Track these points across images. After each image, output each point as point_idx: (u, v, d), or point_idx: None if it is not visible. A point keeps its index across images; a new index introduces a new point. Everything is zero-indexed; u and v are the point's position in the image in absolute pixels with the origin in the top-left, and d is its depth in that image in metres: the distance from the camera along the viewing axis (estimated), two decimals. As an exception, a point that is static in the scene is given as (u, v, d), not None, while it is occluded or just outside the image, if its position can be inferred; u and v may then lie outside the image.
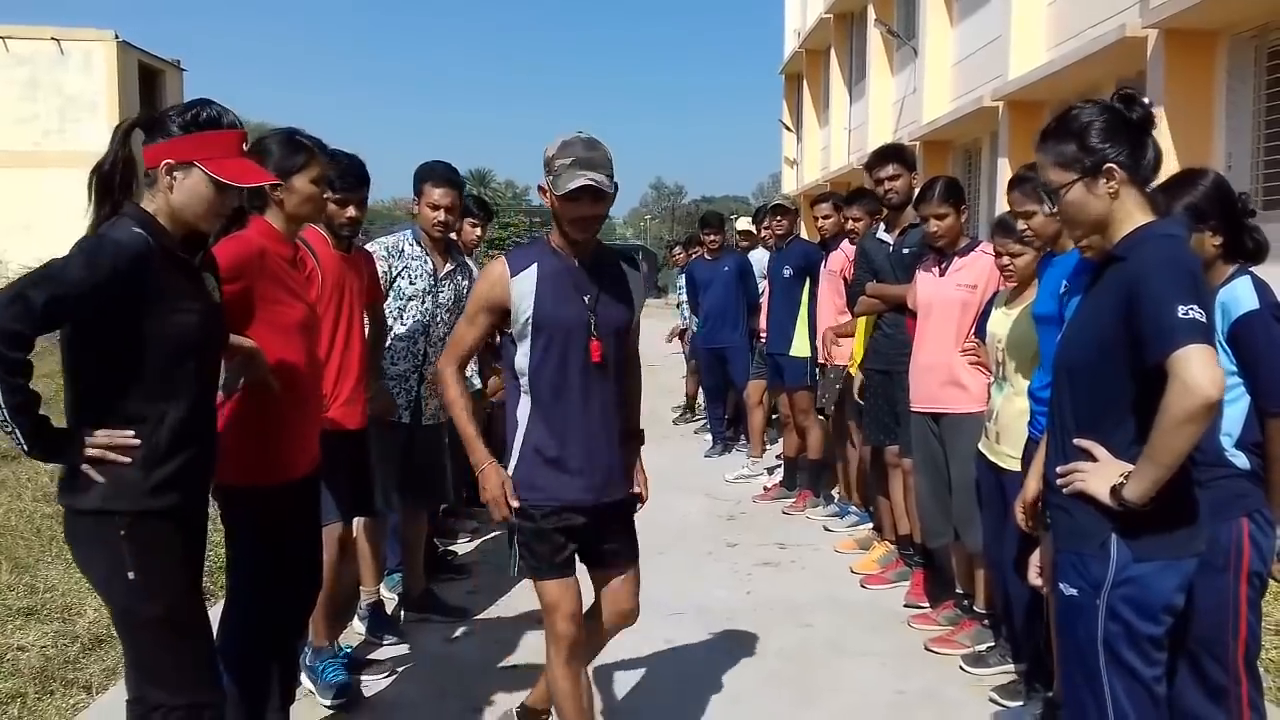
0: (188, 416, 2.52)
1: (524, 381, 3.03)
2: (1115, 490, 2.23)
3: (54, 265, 2.37)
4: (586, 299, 2.99)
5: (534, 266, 2.98)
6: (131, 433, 2.44)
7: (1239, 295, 2.58)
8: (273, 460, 3.04)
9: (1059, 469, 2.38)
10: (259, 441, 3.01)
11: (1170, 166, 9.07)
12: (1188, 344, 2.09)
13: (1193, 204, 2.67)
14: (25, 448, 2.36)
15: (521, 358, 3.02)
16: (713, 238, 8.92)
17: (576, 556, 3.09)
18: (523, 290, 2.96)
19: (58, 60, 26.14)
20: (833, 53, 24.10)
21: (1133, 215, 2.34)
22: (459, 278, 4.77)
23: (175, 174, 2.50)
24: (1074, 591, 2.35)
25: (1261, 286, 2.64)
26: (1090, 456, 2.32)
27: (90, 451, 2.41)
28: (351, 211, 3.92)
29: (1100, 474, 2.28)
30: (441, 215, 4.53)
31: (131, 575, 2.44)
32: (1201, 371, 2.07)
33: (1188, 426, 2.10)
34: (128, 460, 2.43)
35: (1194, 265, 2.28)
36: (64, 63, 26.15)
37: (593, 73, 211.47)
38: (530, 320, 2.97)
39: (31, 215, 24.60)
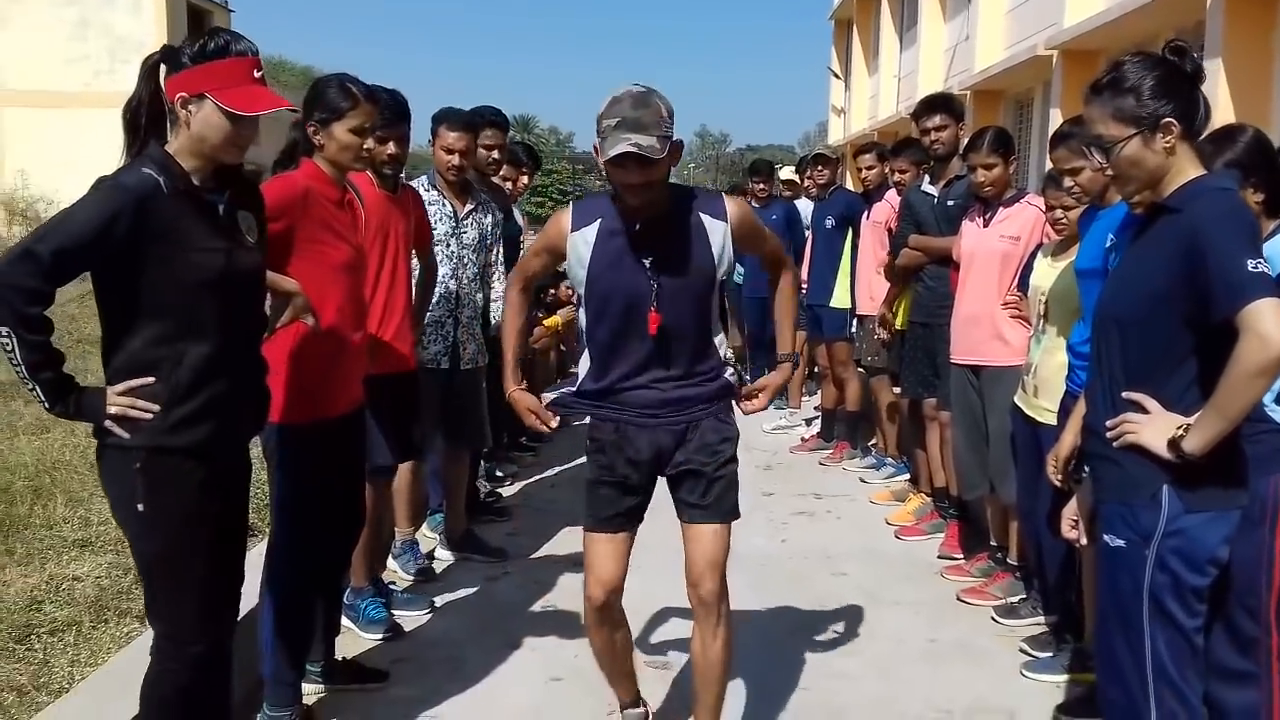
0: (212, 355, 2.50)
1: (584, 340, 2.97)
2: (1174, 442, 2.23)
3: (59, 216, 2.38)
4: (648, 263, 2.78)
5: (597, 224, 2.82)
6: (152, 379, 2.43)
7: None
8: (312, 398, 3.10)
9: (1109, 422, 2.38)
10: (298, 380, 3.07)
11: (1227, 118, 8.89)
12: (1261, 297, 2.10)
13: (1234, 160, 2.63)
14: (47, 406, 2.38)
15: (581, 316, 2.96)
16: (761, 186, 8.75)
17: (641, 512, 2.99)
18: (580, 249, 2.83)
19: (106, 1, 26.28)
20: (884, -2, 23.69)
21: (1185, 169, 2.32)
22: (481, 215, 4.77)
23: (189, 106, 2.46)
24: (1121, 543, 2.36)
25: (1306, 242, 2.60)
26: (1141, 409, 2.32)
27: (112, 410, 2.41)
28: (391, 149, 3.87)
29: (1155, 426, 2.28)
30: (455, 159, 4.51)
31: (140, 507, 2.45)
32: (1276, 323, 2.08)
33: (1260, 380, 2.12)
34: (149, 416, 2.42)
35: (1252, 218, 2.29)
36: (113, 3, 26.26)
37: (636, 17, 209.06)
38: (585, 284, 2.86)
39: (83, 155, 24.83)
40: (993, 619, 4.25)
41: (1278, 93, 9.46)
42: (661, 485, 2.99)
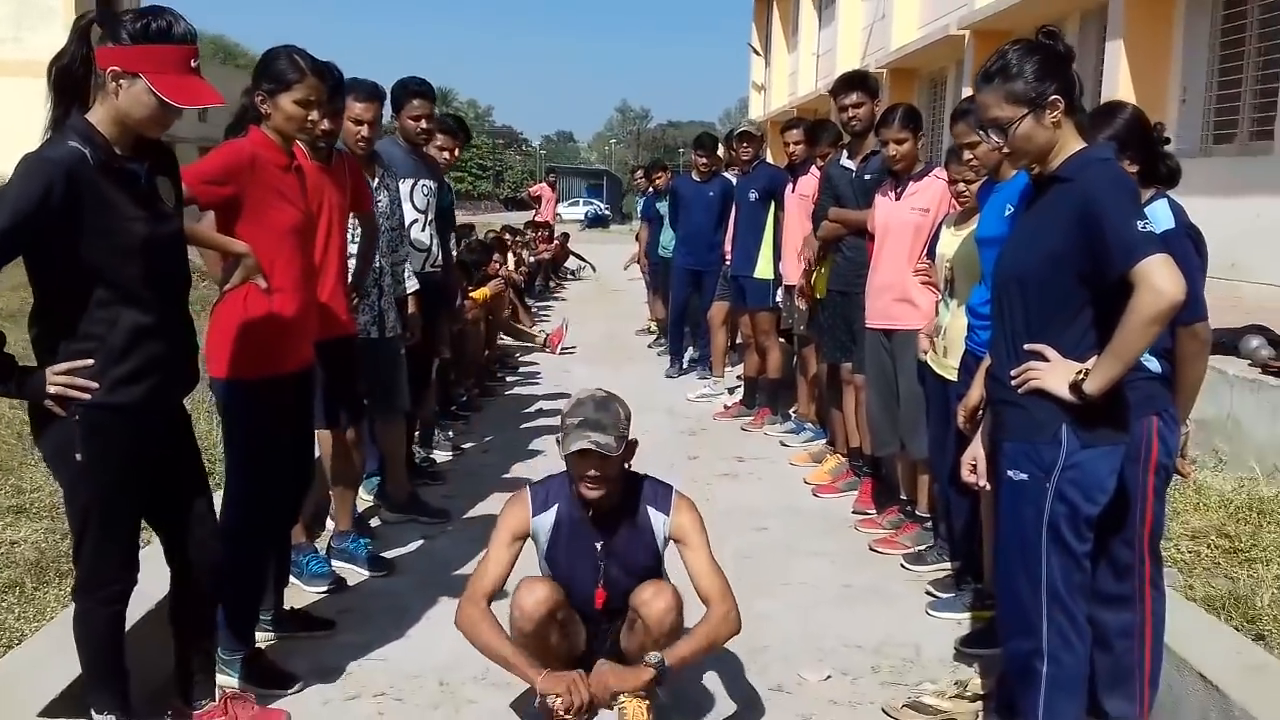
0: (142, 318, 2.59)
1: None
2: (1075, 385, 2.50)
3: None
4: (599, 546, 3.12)
5: (554, 510, 3.13)
6: (90, 362, 2.53)
7: (1158, 216, 2.83)
8: (262, 355, 3.22)
9: (1014, 370, 2.64)
10: (249, 337, 3.20)
11: (1127, 97, 9.27)
12: (1151, 253, 2.37)
13: (1113, 135, 2.91)
14: None
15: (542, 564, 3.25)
16: (704, 160, 8.83)
17: None
18: (540, 529, 3.14)
19: (10, -37, 25.35)
20: (803, -24, 24.00)
21: (1069, 143, 2.60)
22: (389, 182, 4.82)
23: (121, 81, 2.50)
24: (1024, 476, 2.63)
25: (1177, 208, 2.91)
26: (1042, 358, 2.59)
27: (52, 390, 2.51)
28: (325, 125, 3.89)
29: (1056, 372, 2.55)
30: (365, 130, 4.49)
31: (79, 457, 2.58)
32: (1167, 277, 2.36)
33: (1154, 326, 2.40)
34: (87, 397, 2.53)
35: (1134, 185, 2.59)
36: (17, -34, 25.36)
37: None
38: (541, 560, 3.19)
39: (-14, 124, 24.13)
40: (902, 565, 4.56)
41: (1175, 73, 9.93)
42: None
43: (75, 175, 2.44)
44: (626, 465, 3.09)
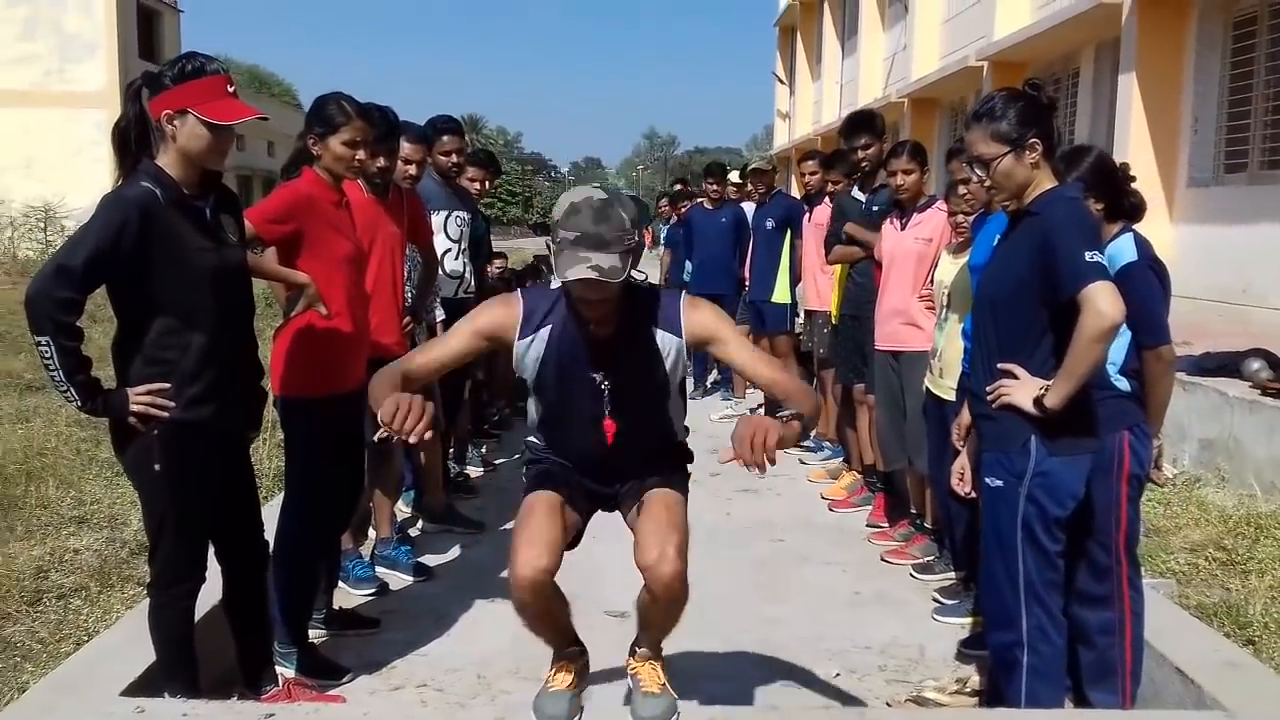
0: (211, 342, 2.88)
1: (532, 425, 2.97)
2: (1038, 400, 2.80)
3: (81, 231, 2.74)
4: (599, 377, 2.73)
5: (546, 330, 2.71)
6: (168, 386, 2.84)
7: (1123, 249, 3.15)
8: (324, 375, 3.57)
9: (988, 387, 2.94)
10: (311, 359, 3.55)
11: (1140, 128, 9.46)
12: (1096, 280, 2.68)
13: (1079, 176, 3.20)
14: (79, 405, 2.76)
15: (530, 406, 2.96)
16: (715, 188, 9.09)
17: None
18: (527, 353, 2.73)
19: (57, 0, 26.15)
20: (826, 6, 24.35)
21: (1043, 182, 2.90)
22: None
23: (174, 122, 2.81)
24: (999, 483, 2.94)
25: (1142, 242, 3.19)
26: (1012, 375, 2.89)
27: (135, 407, 2.83)
28: (381, 161, 4.27)
29: (1023, 388, 2.85)
30: (412, 169, 4.79)
31: (157, 467, 2.89)
32: (1108, 301, 2.66)
33: (1098, 345, 2.70)
34: (166, 415, 2.83)
35: (1093, 220, 2.91)
36: (63, 3, 26.11)
37: (584, 20, 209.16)
38: (532, 385, 2.82)
39: (31, 154, 24.78)
40: (911, 575, 4.83)
41: (1186, 104, 10.14)
42: None
43: (148, 211, 2.76)
44: (633, 268, 2.61)
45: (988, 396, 2.94)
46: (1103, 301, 2.66)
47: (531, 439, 3.04)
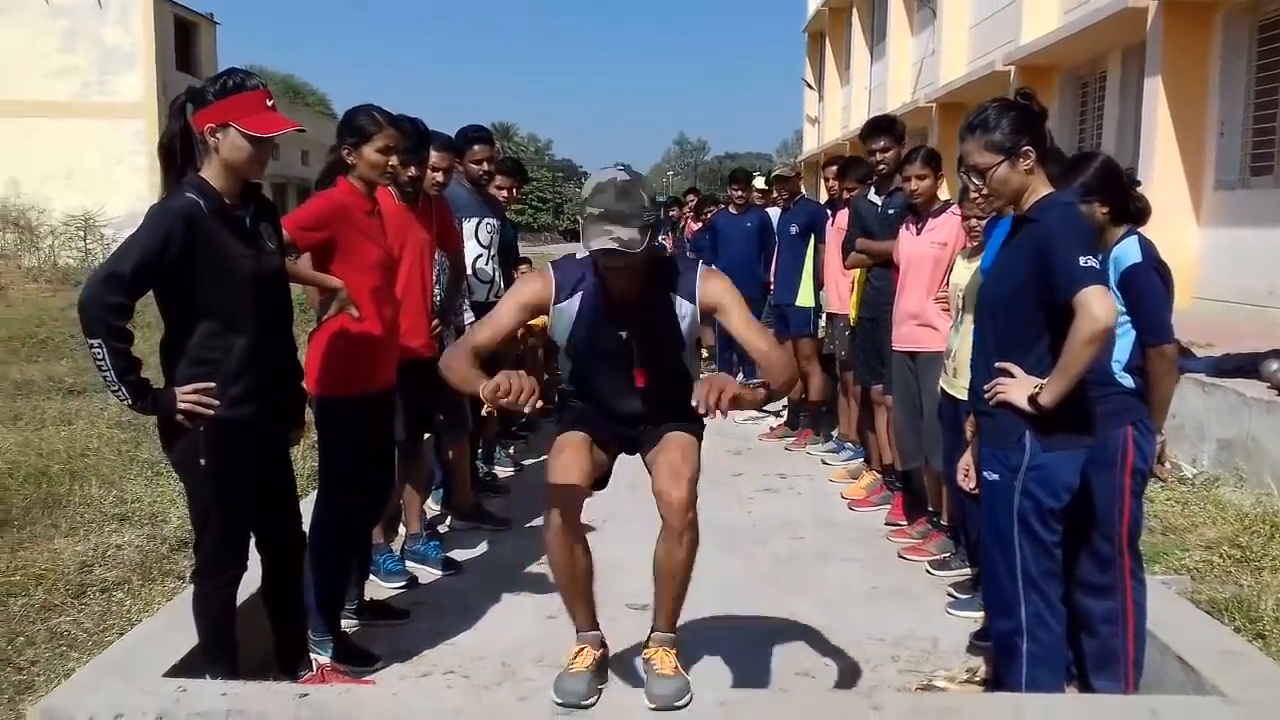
0: (253, 344, 3.01)
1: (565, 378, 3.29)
2: (1032, 398, 2.91)
3: (129, 240, 2.87)
4: (624, 335, 3.07)
5: (578, 297, 3.06)
6: (213, 385, 2.99)
7: (1127, 251, 3.25)
8: (356, 375, 3.74)
9: (985, 385, 3.05)
10: (345, 360, 3.71)
11: (1167, 131, 9.56)
12: (1090, 285, 2.78)
13: (1086, 181, 3.31)
14: (130, 404, 2.89)
15: (565, 362, 3.29)
16: (740, 194, 9.23)
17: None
18: (562, 318, 3.09)
19: (96, 13, 26.62)
20: (855, 11, 24.42)
21: (1039, 188, 3.01)
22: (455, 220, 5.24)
23: (217, 135, 2.95)
24: (996, 476, 3.05)
25: (1146, 244, 3.29)
26: (1009, 374, 2.99)
27: (183, 405, 2.98)
28: (412, 171, 4.42)
29: (1018, 387, 2.96)
30: (440, 176, 4.85)
31: (203, 462, 3.04)
32: (1100, 305, 2.76)
33: (1090, 347, 2.80)
34: (211, 413, 2.99)
35: (1089, 225, 3.00)
36: (102, 15, 26.64)
37: (614, 27, 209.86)
38: (566, 346, 3.15)
39: (71, 164, 25.30)
40: (927, 571, 4.92)
41: (1212, 108, 10.17)
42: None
43: (192, 221, 2.92)
44: (650, 243, 2.91)
45: (985, 394, 3.05)
46: (1096, 305, 2.76)
47: (565, 388, 3.37)
